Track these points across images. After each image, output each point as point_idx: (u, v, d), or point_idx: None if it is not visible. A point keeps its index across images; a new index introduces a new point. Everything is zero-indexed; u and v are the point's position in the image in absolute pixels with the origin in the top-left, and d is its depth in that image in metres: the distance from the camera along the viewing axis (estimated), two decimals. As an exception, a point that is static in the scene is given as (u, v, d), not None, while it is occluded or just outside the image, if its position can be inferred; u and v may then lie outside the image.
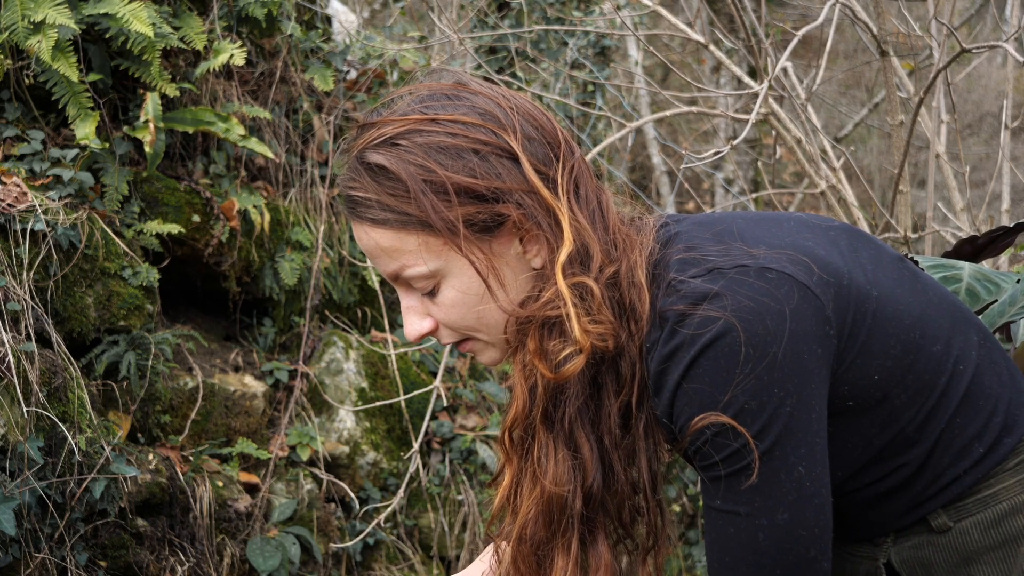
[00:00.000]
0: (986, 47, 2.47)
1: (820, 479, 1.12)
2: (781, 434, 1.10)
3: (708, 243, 1.17)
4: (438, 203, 1.15)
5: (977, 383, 1.21)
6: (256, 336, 3.46)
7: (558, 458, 1.21)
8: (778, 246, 1.15)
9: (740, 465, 1.11)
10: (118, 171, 2.94)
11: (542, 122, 1.21)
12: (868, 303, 1.16)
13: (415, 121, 1.17)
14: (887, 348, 1.16)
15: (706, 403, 1.10)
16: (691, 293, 1.12)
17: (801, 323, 1.10)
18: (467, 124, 1.17)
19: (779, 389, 1.09)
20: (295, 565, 2.92)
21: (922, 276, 1.27)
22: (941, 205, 3.46)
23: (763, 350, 1.08)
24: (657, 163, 7.17)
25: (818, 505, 1.12)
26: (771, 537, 1.12)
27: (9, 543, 2.33)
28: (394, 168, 1.16)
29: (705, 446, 1.12)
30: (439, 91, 1.21)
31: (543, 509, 1.23)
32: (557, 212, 1.17)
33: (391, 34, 4.86)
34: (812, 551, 1.12)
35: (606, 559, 1.25)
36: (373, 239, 1.19)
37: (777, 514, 1.11)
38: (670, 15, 3.01)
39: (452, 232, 1.15)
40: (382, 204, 1.17)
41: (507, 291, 1.19)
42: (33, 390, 2.43)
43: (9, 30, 2.74)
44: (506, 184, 1.16)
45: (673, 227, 1.23)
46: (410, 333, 1.24)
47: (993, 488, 1.21)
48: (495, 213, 1.16)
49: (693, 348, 1.10)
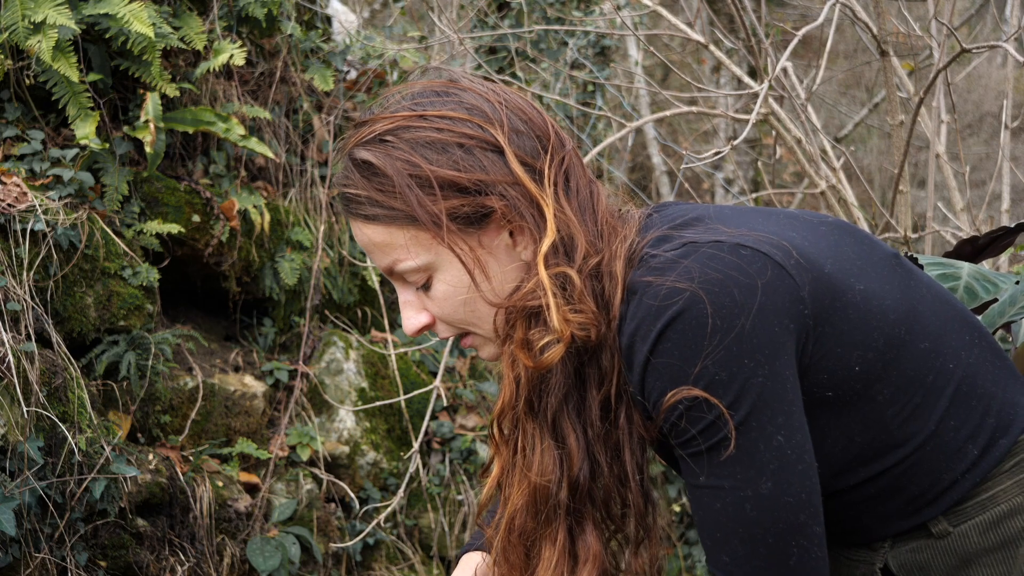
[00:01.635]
0: (986, 47, 2.47)
1: (801, 446, 1.12)
2: (755, 404, 1.09)
3: (687, 223, 1.19)
4: (423, 197, 1.17)
5: (968, 383, 1.20)
6: (256, 336, 3.46)
7: (543, 448, 1.22)
8: (759, 231, 1.16)
9: (717, 437, 1.11)
10: (118, 171, 2.94)
11: (532, 116, 1.23)
12: (850, 294, 1.16)
13: (404, 118, 1.20)
14: (869, 340, 1.16)
15: (676, 377, 1.10)
16: (660, 265, 1.12)
17: (772, 297, 1.10)
18: (454, 119, 1.19)
19: (749, 359, 1.09)
20: (295, 565, 2.92)
21: (917, 274, 1.26)
22: (941, 205, 3.46)
23: (731, 321, 1.08)
24: (657, 163, 7.17)
25: (802, 471, 1.12)
26: (758, 507, 1.11)
27: (9, 543, 2.33)
28: (380, 164, 1.18)
29: (680, 421, 1.12)
30: (430, 88, 1.23)
31: (530, 500, 1.24)
32: (541, 203, 1.18)
33: (391, 34, 4.86)
34: (801, 516, 1.12)
35: (595, 550, 1.25)
36: (366, 235, 1.21)
37: (761, 484, 1.11)
38: (670, 15, 3.01)
39: (437, 225, 1.17)
40: (371, 200, 1.19)
41: (493, 283, 1.20)
42: (33, 390, 2.43)
43: (9, 30, 2.74)
44: (490, 176, 1.17)
45: (657, 215, 1.24)
46: (408, 328, 1.26)
47: (991, 491, 1.20)
48: (480, 205, 1.18)
49: (659, 321, 1.10)
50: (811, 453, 1.13)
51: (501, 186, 1.17)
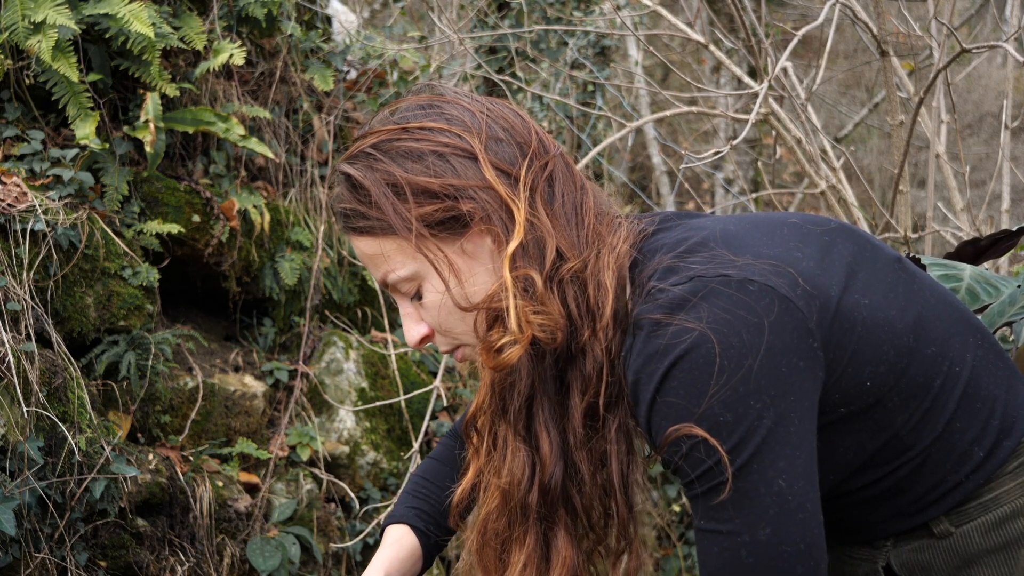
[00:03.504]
0: (986, 47, 2.47)
1: (803, 493, 1.09)
2: (759, 447, 1.08)
3: (692, 249, 1.17)
4: (398, 204, 1.20)
5: (973, 385, 1.20)
6: (256, 336, 3.46)
7: (513, 451, 1.23)
8: (765, 256, 1.15)
9: (716, 481, 1.09)
10: (118, 171, 2.94)
11: (514, 124, 1.25)
12: (857, 312, 1.15)
13: (388, 131, 1.24)
14: (880, 354, 1.15)
15: (681, 416, 1.09)
16: (668, 303, 1.11)
17: (781, 336, 1.09)
18: (433, 130, 1.22)
19: (755, 401, 1.07)
20: (295, 565, 2.92)
21: (920, 277, 1.26)
22: (941, 205, 3.46)
23: (738, 362, 1.07)
24: (657, 163, 7.17)
25: (802, 520, 1.09)
26: (754, 554, 1.09)
27: (9, 543, 2.33)
28: (359, 176, 1.22)
29: (681, 462, 1.11)
30: (415, 103, 1.27)
31: (501, 502, 1.25)
32: (512, 207, 1.19)
33: (391, 34, 4.86)
34: (798, 568, 1.09)
35: (565, 555, 1.24)
36: (360, 248, 1.25)
37: (759, 530, 1.08)
38: (670, 15, 3.01)
39: (409, 231, 1.19)
40: (356, 212, 1.23)
41: (467, 288, 1.21)
42: (33, 390, 2.43)
43: (9, 30, 2.74)
44: (461, 180, 1.20)
45: (659, 230, 1.23)
46: (410, 340, 1.29)
47: (994, 492, 1.20)
48: (451, 209, 1.20)
49: (666, 360, 1.09)
50: (815, 503, 1.11)
51: (472, 190, 1.20)
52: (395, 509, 1.50)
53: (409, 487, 1.52)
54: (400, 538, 1.46)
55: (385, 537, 1.48)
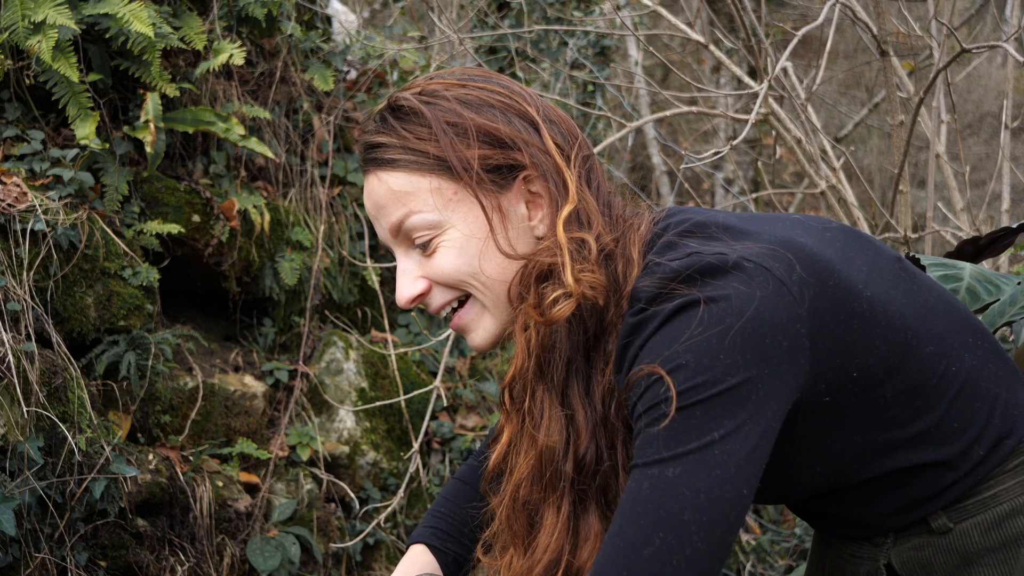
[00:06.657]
0: (986, 47, 2.47)
1: (733, 454, 1.05)
2: (711, 398, 1.05)
3: (691, 230, 1.20)
4: (457, 143, 1.21)
5: (972, 385, 1.20)
6: (256, 336, 3.46)
7: (552, 414, 1.23)
8: (765, 241, 1.15)
9: (656, 414, 1.07)
10: (118, 171, 2.94)
11: (563, 116, 1.29)
12: (857, 303, 1.15)
13: (450, 83, 1.26)
14: (870, 348, 1.15)
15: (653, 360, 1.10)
16: (665, 275, 1.13)
17: (769, 311, 1.08)
18: (496, 92, 1.25)
19: (726, 357, 1.06)
20: (295, 565, 2.92)
21: (920, 277, 1.26)
22: (941, 205, 3.46)
23: (720, 318, 1.07)
24: (657, 163, 7.17)
25: (719, 477, 1.04)
26: (653, 487, 1.06)
27: (9, 543, 2.33)
28: (420, 109, 1.23)
29: (637, 401, 1.10)
30: (473, 72, 1.30)
31: (536, 466, 1.24)
32: (567, 176, 1.23)
33: (391, 34, 4.86)
34: (687, 515, 1.04)
35: (596, 530, 1.23)
36: (385, 184, 1.24)
37: (669, 467, 1.05)
38: (670, 15, 3.01)
39: (466, 171, 1.21)
40: (404, 145, 1.23)
41: (511, 240, 1.23)
42: (33, 390, 2.43)
43: (9, 30, 2.74)
44: (525, 136, 1.23)
45: (668, 219, 1.26)
46: (402, 295, 1.27)
47: (993, 490, 1.21)
48: (510, 159, 1.22)
49: (655, 321, 1.11)
50: (744, 474, 1.06)
51: (533, 148, 1.23)
52: (416, 529, 1.52)
53: (432, 507, 1.53)
54: (415, 556, 1.46)
55: (404, 557, 1.48)
